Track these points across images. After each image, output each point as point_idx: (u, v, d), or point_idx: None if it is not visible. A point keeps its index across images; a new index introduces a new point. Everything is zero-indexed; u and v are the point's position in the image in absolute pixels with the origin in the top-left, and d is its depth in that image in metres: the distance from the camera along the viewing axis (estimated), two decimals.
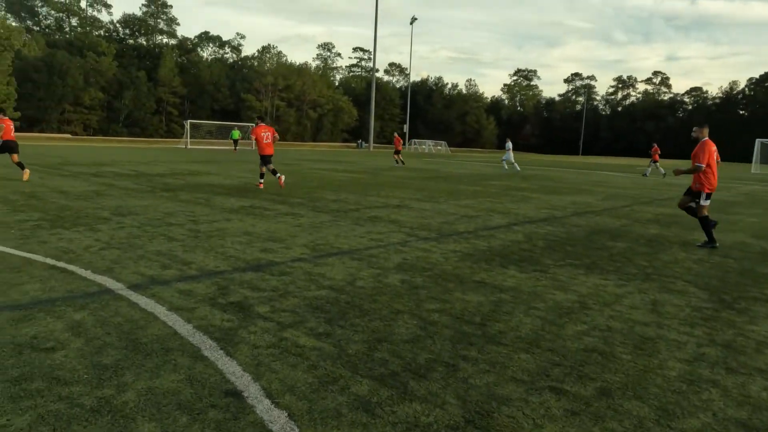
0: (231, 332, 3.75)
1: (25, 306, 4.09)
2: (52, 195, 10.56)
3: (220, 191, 12.44)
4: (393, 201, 11.91)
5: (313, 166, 25.28)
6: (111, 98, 68.20)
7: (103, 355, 3.28)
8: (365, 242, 7.15)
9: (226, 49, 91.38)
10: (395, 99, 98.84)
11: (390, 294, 4.83)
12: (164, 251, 6.10)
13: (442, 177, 21.13)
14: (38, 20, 74.94)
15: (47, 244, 6.19)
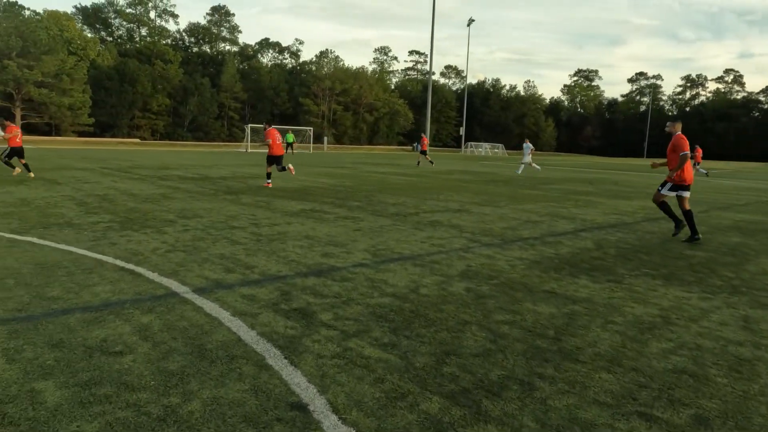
0: (295, 340, 3.66)
1: (96, 308, 4.16)
2: (122, 197, 10.95)
3: (280, 194, 12.57)
4: (452, 205, 11.68)
5: (370, 169, 25.32)
6: (177, 104, 70.98)
7: (169, 361, 3.26)
8: (427, 248, 6.97)
9: (285, 55, 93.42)
10: (451, 101, 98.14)
11: (455, 303, 4.64)
12: (227, 255, 6.13)
13: (501, 180, 20.67)
14: (111, 31, 79.00)
15: (117, 246, 6.35)
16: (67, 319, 3.88)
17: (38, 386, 2.89)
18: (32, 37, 55.45)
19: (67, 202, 9.92)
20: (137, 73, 65.19)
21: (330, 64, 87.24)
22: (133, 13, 78.14)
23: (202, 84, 71.43)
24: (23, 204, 9.53)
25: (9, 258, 5.60)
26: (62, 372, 3.06)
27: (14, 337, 3.52)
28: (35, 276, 4.97)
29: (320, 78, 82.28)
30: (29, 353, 3.29)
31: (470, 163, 38.28)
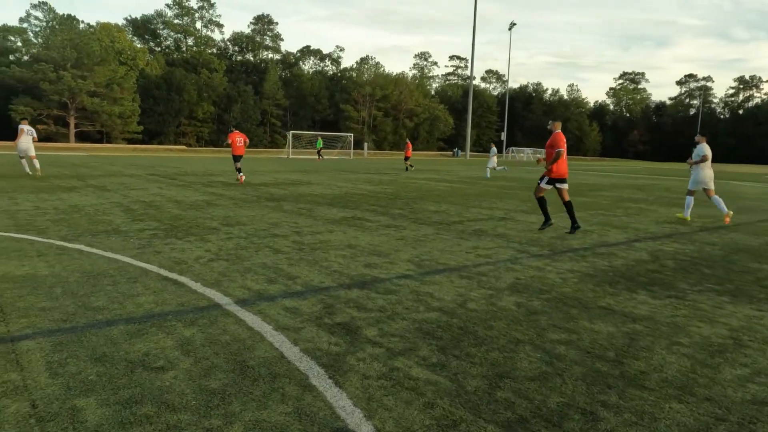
0: (339, 358, 3.51)
1: (139, 319, 4.11)
2: (168, 204, 11.11)
3: (321, 201, 12.53)
4: (497, 213, 11.37)
5: (411, 175, 25.14)
6: (221, 111, 72.59)
7: (211, 379, 3.15)
8: (472, 258, 6.74)
9: (326, 62, 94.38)
10: (492, 106, 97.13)
11: (506, 319, 4.40)
12: (270, 264, 6.06)
13: None
14: (159, 41, 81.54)
15: (161, 255, 6.37)
16: (111, 331, 3.84)
17: (80, 403, 2.82)
18: (86, 48, 57.74)
19: (114, 209, 10.11)
20: (184, 81, 67.00)
21: (370, 71, 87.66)
22: (181, 23, 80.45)
23: (245, 91, 72.86)
24: (74, 211, 9.76)
25: (58, 266, 5.67)
26: (104, 388, 2.99)
27: (59, 350, 3.49)
28: (82, 285, 4.99)
29: (361, 84, 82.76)
30: (72, 367, 3.25)
31: (513, 168, 37.63)
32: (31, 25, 67.51)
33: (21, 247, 6.56)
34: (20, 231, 7.60)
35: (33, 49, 64.80)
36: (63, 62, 56.39)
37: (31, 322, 3.98)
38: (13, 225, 8.07)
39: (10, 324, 3.94)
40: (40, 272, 5.39)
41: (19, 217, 8.86)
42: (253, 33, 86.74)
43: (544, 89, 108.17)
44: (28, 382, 3.04)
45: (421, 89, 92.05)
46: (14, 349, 3.49)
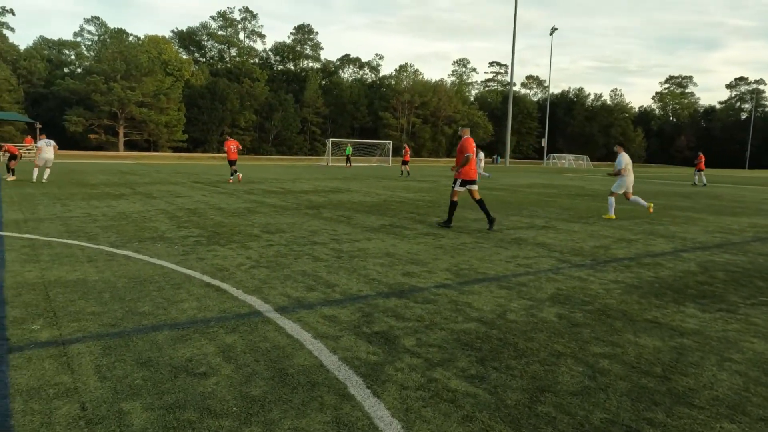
0: (377, 367, 3.51)
1: (183, 325, 4.22)
2: (211, 211, 11.38)
3: (360, 209, 12.60)
4: (537, 221, 11.19)
5: (450, 183, 24.99)
6: (262, 120, 74.05)
7: (252, 386, 3.20)
8: (512, 268, 6.64)
9: (365, 70, 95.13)
10: (533, 112, 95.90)
11: (547, 331, 4.31)
12: (309, 272, 6.12)
13: (589, 194, 19.71)
14: (204, 52, 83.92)
15: (204, 261, 6.52)
16: (156, 337, 3.95)
17: (126, 407, 2.91)
18: (135, 60, 59.93)
19: (160, 216, 10.42)
20: (227, 91, 68.70)
21: (409, 78, 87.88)
22: (224, 35, 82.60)
23: (286, 100, 74.13)
24: (122, 218, 10.10)
25: (107, 271, 5.87)
26: (149, 393, 3.08)
27: (107, 354, 3.61)
28: (129, 290, 5.15)
29: (399, 92, 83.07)
30: (119, 371, 3.35)
31: (553, 175, 36.99)
32: (84, 39, 70.62)
33: (72, 252, 6.83)
34: (72, 237, 7.91)
35: (86, 62, 67.71)
36: (113, 74, 58.66)
37: (81, 326, 4.13)
38: (66, 231, 8.41)
39: (62, 328, 4.10)
40: (90, 277, 5.59)
41: (71, 223, 9.23)
42: (293, 43, 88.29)
43: (586, 94, 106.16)
44: (78, 385, 3.15)
45: (459, 96, 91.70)
46: (66, 352, 3.63)
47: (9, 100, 59.21)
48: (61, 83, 59.70)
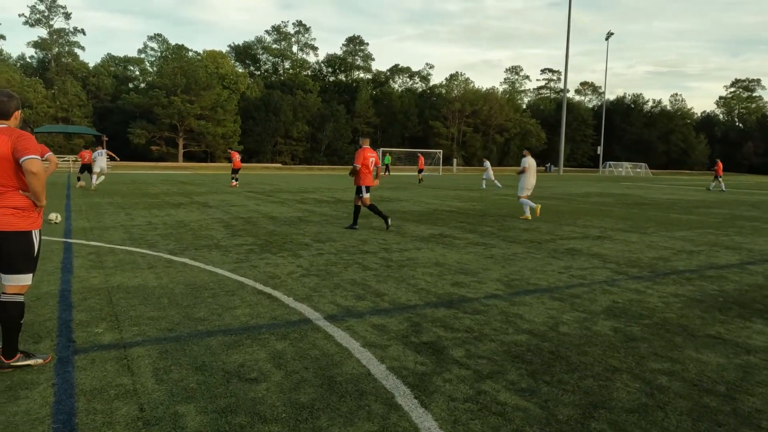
0: (425, 378, 3.49)
1: (235, 331, 4.33)
2: (264, 220, 11.65)
3: (409, 218, 12.60)
4: (592, 231, 10.87)
5: (501, 192, 24.68)
6: (314, 130, 75.36)
7: (301, 393, 3.24)
8: (565, 279, 6.47)
9: (415, 79, 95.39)
10: (588, 119, 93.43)
11: (602, 345, 4.18)
12: (358, 281, 6.16)
13: (648, 203, 19.00)
14: (259, 65, 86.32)
15: (257, 269, 6.68)
16: (210, 342, 4.07)
17: (181, 409, 3.01)
18: (194, 75, 62.32)
19: (216, 225, 10.76)
20: (280, 103, 70.36)
21: (460, 87, 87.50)
22: (279, 48, 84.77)
23: (337, 111, 75.21)
24: (180, 226, 10.49)
25: (165, 278, 6.11)
26: (203, 396, 3.17)
27: (164, 357, 3.75)
28: (185, 296, 5.34)
29: (450, 100, 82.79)
30: (175, 374, 3.47)
31: (610, 184, 35.88)
32: (147, 55, 74.07)
33: (134, 259, 7.14)
34: (134, 244, 8.27)
35: (148, 77, 70.97)
36: (174, 88, 61.17)
37: (141, 330, 4.31)
38: (128, 239, 8.80)
39: (123, 331, 4.28)
40: (149, 283, 5.83)
41: (133, 231, 9.66)
42: (345, 54, 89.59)
43: (644, 100, 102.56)
44: (137, 387, 3.28)
45: (511, 103, 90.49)
46: (126, 355, 3.79)
47: (79, 115, 62.73)
48: (126, 98, 62.75)
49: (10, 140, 3.40)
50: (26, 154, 3.36)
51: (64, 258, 7.16)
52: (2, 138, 3.40)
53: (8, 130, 3.46)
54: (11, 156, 3.39)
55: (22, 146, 3.38)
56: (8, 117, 3.54)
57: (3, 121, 3.51)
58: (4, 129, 3.45)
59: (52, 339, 4.10)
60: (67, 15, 69.60)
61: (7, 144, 3.38)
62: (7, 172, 3.41)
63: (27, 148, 3.38)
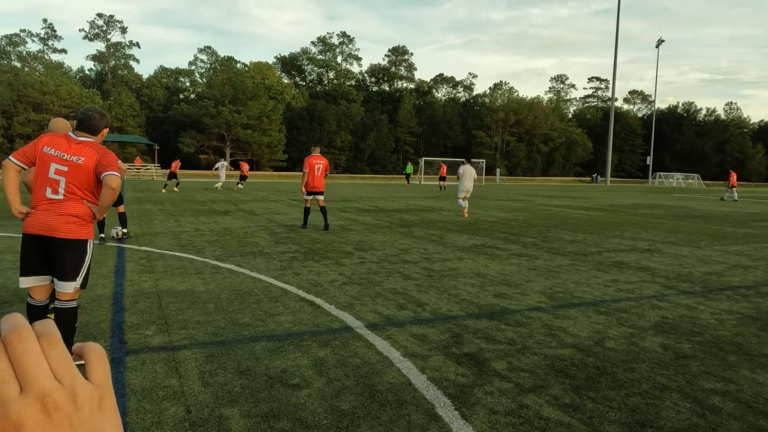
0: (466, 389, 3.47)
1: (278, 337, 4.41)
2: (308, 229, 11.81)
3: (452, 228, 12.54)
4: (641, 244, 10.56)
5: (545, 202, 24.26)
6: (357, 140, 76.06)
7: (342, 400, 3.27)
8: (611, 293, 6.31)
9: (458, 89, 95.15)
10: (636, 129, 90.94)
11: (650, 362, 4.05)
12: (400, 290, 6.18)
13: (700, 216, 18.31)
14: (304, 76, 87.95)
15: (300, 276, 6.78)
16: (254, 347, 4.16)
17: (226, 412, 3.08)
18: (241, 85, 64.01)
19: (260, 232, 10.98)
20: (324, 112, 71.42)
21: (504, 96, 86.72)
22: (323, 59, 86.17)
23: (380, 120, 75.73)
24: (227, 233, 10.76)
25: (212, 283, 6.28)
26: (247, 400, 3.24)
27: (210, 361, 3.85)
28: (231, 302, 5.47)
29: (493, 110, 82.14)
30: (221, 378, 3.56)
31: (660, 195, 34.75)
32: (197, 67, 76.57)
33: (182, 265, 7.36)
34: (182, 250, 8.53)
35: (198, 88, 73.28)
36: (222, 98, 62.95)
37: (188, 334, 4.44)
38: (177, 245, 9.09)
39: (172, 334, 4.42)
40: (197, 288, 6.00)
41: (182, 237, 9.97)
42: (388, 64, 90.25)
43: (696, 109, 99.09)
44: (184, 389, 3.38)
45: (557, 113, 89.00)
46: (174, 358, 3.91)
47: (133, 124, 65.35)
48: (176, 108, 64.98)
49: (97, 155, 3.61)
50: (109, 170, 3.56)
51: (118, 262, 7.45)
52: (90, 151, 3.61)
53: (95, 145, 3.67)
54: (93, 169, 3.59)
55: (107, 162, 3.59)
56: (96, 133, 3.75)
57: (91, 136, 3.72)
58: (91, 143, 3.67)
59: (106, 340, 4.28)
60: (123, 29, 72.80)
61: (93, 157, 3.59)
62: (83, 181, 3.61)
63: (110, 164, 3.59)
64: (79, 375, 0.40)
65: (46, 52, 69.66)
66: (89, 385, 0.40)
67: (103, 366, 0.42)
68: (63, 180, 3.59)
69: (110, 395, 0.42)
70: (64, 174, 3.58)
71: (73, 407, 0.38)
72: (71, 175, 3.58)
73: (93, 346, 0.43)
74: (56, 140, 3.63)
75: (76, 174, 3.58)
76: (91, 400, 0.40)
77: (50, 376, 0.38)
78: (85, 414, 0.39)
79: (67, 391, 0.39)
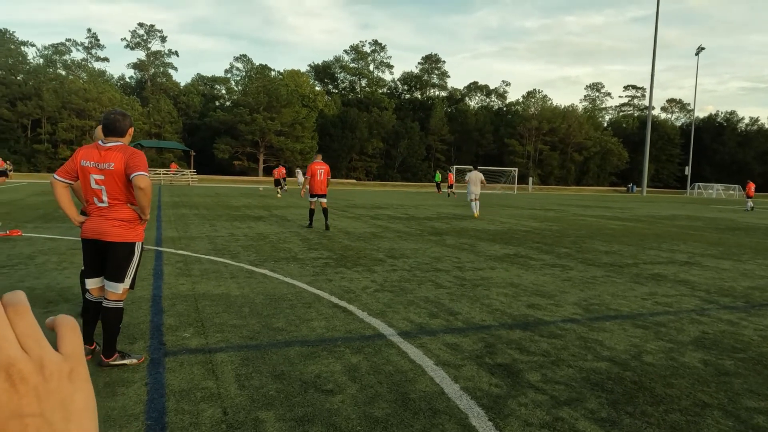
0: (500, 400, 3.44)
1: (312, 343, 4.45)
2: (339, 235, 11.91)
3: (484, 236, 12.46)
4: (679, 256, 10.30)
5: (579, 212, 23.87)
6: (389, 147, 76.31)
7: (375, 407, 3.29)
8: (649, 306, 6.17)
9: (491, 97, 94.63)
10: (674, 138, 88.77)
11: (690, 378, 3.95)
12: (432, 298, 6.17)
13: (741, 228, 17.74)
14: (337, 84, 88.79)
15: (332, 282, 6.84)
16: (288, 352, 4.22)
17: (261, 415, 3.13)
18: (275, 93, 65.00)
19: (293, 238, 11.11)
20: (356, 120, 71.92)
21: (537, 104, 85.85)
22: (356, 67, 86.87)
23: (412, 128, 75.84)
24: (261, 238, 10.92)
25: (247, 288, 6.38)
26: (281, 404, 3.29)
27: (246, 365, 3.92)
28: (265, 306, 5.55)
29: (527, 118, 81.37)
30: (256, 381, 3.62)
31: (699, 207, 33.81)
32: (233, 75, 78.12)
33: (218, 269, 7.51)
34: (218, 255, 8.70)
35: (234, 95, 74.74)
36: (256, 106, 64.02)
37: (224, 337, 4.52)
38: (213, 249, 9.27)
39: (209, 337, 4.52)
40: (232, 292, 6.11)
41: (217, 242, 10.16)
42: (421, 72, 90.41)
43: (738, 118, 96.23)
44: (221, 391, 3.45)
45: (592, 121, 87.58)
46: (211, 360, 3.99)
47: (170, 131, 67.02)
48: (212, 115, 66.36)
49: (124, 157, 3.73)
50: (136, 171, 3.68)
51: (156, 265, 7.64)
52: (118, 155, 3.73)
53: (123, 148, 3.79)
54: (124, 172, 3.71)
55: (134, 163, 3.70)
56: (123, 135, 3.88)
57: (118, 139, 3.85)
58: (119, 147, 3.79)
59: (145, 341, 4.40)
60: (163, 38, 74.86)
61: (121, 161, 3.71)
62: (119, 186, 3.74)
63: (138, 165, 3.70)
64: (47, 345, 0.39)
65: (90, 61, 72.12)
66: (58, 356, 0.39)
67: (75, 337, 0.41)
68: (104, 188, 3.74)
69: (82, 366, 0.40)
70: (103, 183, 3.73)
71: (41, 378, 0.37)
72: (109, 183, 3.72)
73: (64, 318, 0.42)
74: (90, 152, 3.78)
75: (112, 180, 3.72)
76: (60, 371, 0.39)
77: (16, 346, 0.37)
78: (53, 385, 0.38)
79: (34, 361, 0.38)
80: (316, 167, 12.92)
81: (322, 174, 12.85)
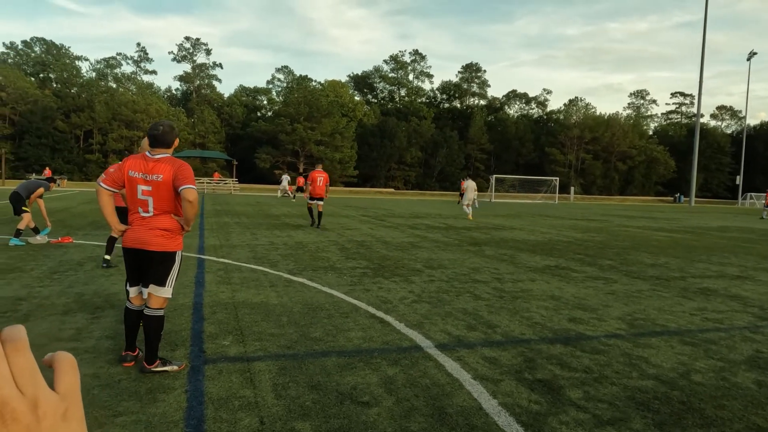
0: (540, 418, 3.35)
1: (349, 353, 4.45)
2: (377, 244, 11.92)
3: (524, 247, 12.25)
4: (730, 270, 9.87)
5: (623, 222, 23.22)
6: (427, 156, 76.20)
7: (411, 420, 3.25)
8: (698, 322, 5.92)
9: (531, 105, 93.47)
10: (724, 146, 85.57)
11: (742, 399, 3.76)
12: (470, 310, 6.08)
13: None
14: (376, 94, 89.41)
15: (370, 293, 6.83)
16: (325, 362, 4.22)
17: (297, 426, 3.14)
18: (316, 103, 65.93)
19: (331, 247, 11.18)
20: (395, 129, 72.15)
21: (579, 112, 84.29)
22: (395, 77, 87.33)
23: (451, 137, 75.57)
24: (299, 247, 11.04)
25: (285, 296, 6.44)
26: (317, 415, 3.28)
27: (283, 374, 3.94)
28: (303, 315, 5.59)
29: (568, 127, 79.99)
30: (293, 391, 3.63)
31: (751, 218, 32.42)
32: (274, 86, 79.77)
33: (257, 277, 7.61)
34: (257, 263, 8.82)
35: (275, 106, 76.21)
36: (297, 116, 65.06)
37: (263, 346, 4.57)
38: (253, 257, 9.41)
39: (247, 345, 4.57)
40: (271, 301, 6.18)
41: (257, 250, 10.32)
42: (460, 81, 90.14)
43: None
44: (258, 400, 3.48)
45: (636, 129, 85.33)
46: (249, 368, 4.03)
47: (214, 141, 68.83)
48: (254, 125, 67.79)
49: (173, 169, 3.82)
50: (185, 184, 3.77)
51: (198, 273, 7.81)
52: (166, 167, 3.83)
53: (170, 159, 3.89)
54: (172, 183, 3.81)
55: (183, 175, 3.80)
56: (170, 146, 3.98)
57: (166, 151, 3.96)
58: (167, 159, 3.90)
59: (186, 348, 4.48)
60: (208, 51, 77.06)
61: (170, 172, 3.81)
62: (166, 197, 3.84)
63: (186, 178, 3.79)
64: (43, 384, 0.38)
65: (139, 74, 74.86)
66: (54, 396, 0.39)
67: (72, 376, 0.40)
68: (150, 199, 3.83)
69: (77, 406, 0.40)
70: (150, 194, 3.82)
71: (33, 417, 0.37)
72: (156, 194, 3.82)
73: (63, 355, 0.41)
74: (137, 162, 3.89)
75: (159, 191, 3.81)
76: (55, 411, 0.38)
77: (11, 384, 0.36)
78: (47, 425, 0.37)
79: (29, 400, 0.37)
80: (317, 175, 15.29)
81: (321, 181, 15.22)
